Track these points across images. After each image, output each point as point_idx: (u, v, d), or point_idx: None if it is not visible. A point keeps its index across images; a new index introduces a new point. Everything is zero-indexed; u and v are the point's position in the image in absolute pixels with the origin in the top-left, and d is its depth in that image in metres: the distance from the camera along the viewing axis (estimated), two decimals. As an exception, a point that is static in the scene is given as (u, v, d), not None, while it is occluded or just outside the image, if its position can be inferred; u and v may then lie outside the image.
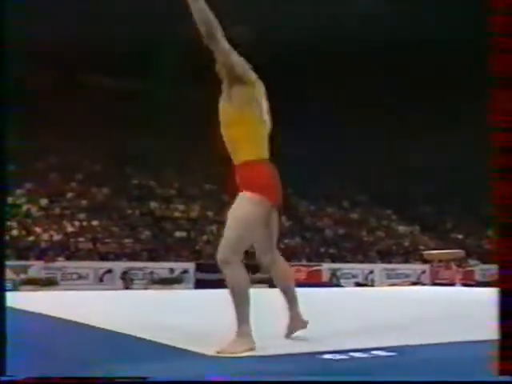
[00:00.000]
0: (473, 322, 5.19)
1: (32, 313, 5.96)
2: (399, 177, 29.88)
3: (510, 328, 2.12)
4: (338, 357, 3.06)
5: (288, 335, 3.68)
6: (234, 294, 3.38)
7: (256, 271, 21.93)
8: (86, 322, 5.00)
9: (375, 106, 29.03)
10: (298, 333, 3.68)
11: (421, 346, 3.59)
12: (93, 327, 4.75)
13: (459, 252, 23.24)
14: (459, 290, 16.58)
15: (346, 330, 4.37)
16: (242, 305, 3.36)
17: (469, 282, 21.85)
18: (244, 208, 3.41)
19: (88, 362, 3.06)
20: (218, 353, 3.17)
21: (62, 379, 2.28)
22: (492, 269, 24.31)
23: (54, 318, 5.56)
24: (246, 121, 3.44)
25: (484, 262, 24.72)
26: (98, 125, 26.01)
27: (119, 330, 4.37)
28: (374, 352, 3.19)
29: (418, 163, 30.11)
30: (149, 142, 26.84)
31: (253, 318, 3.41)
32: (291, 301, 3.70)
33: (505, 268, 2.19)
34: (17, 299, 5.82)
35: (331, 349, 3.25)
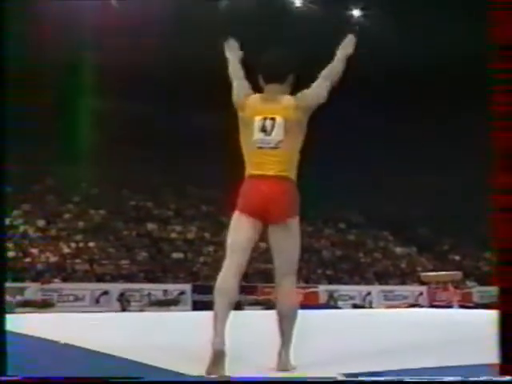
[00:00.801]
0: (471, 345, 5.17)
1: (29, 336, 5.92)
2: (396, 198, 29.92)
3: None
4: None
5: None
6: None
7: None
8: (83, 346, 4.97)
9: (372, 128, 29.07)
10: (293, 355, 3.53)
11: (419, 369, 3.57)
12: (90, 350, 4.72)
13: (457, 274, 23.18)
14: (457, 312, 16.52)
15: (341, 354, 4.35)
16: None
17: (467, 303, 21.76)
18: None
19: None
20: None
21: (62, 379, 2.26)
22: (491, 291, 24.27)
23: (50, 341, 5.53)
24: (241, 143, 3.62)
25: (482, 284, 24.66)
26: (95, 147, 26.03)
27: (116, 354, 4.35)
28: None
29: (416, 185, 30.16)
30: (147, 163, 26.91)
31: (249, 341, 3.38)
32: (284, 337, 3.51)
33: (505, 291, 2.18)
34: (12, 322, 5.78)
35: (326, 374, 3.23)
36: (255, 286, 19.97)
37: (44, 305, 17.54)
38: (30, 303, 17.35)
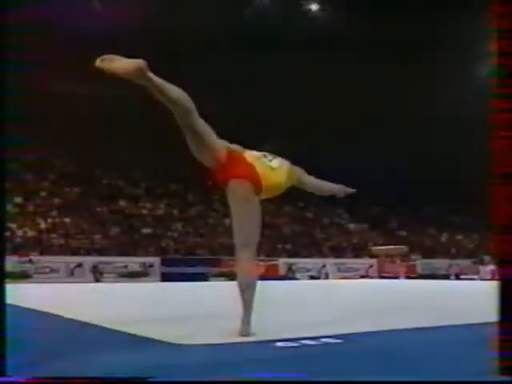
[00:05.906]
0: (416, 311, 5.31)
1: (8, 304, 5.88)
2: (350, 179, 30.11)
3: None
4: (289, 344, 3.09)
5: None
6: None
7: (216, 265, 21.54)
8: (61, 314, 4.96)
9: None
10: (253, 322, 3.51)
11: (365, 333, 3.66)
12: (67, 319, 4.72)
13: (403, 248, 23.65)
14: (403, 282, 16.87)
15: (299, 319, 4.44)
16: None
17: (412, 274, 22.22)
18: None
19: (61, 354, 3.04)
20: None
21: (62, 379, 2.24)
22: (433, 263, 24.80)
23: (28, 309, 5.51)
24: None
25: (425, 257, 25.16)
26: (70, 128, 25.64)
27: (90, 321, 4.36)
28: (323, 340, 3.24)
29: (368, 166, 30.41)
30: (120, 144, 26.62)
31: (214, 309, 3.41)
32: (245, 305, 3.49)
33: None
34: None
35: (284, 337, 3.29)
36: (220, 259, 20.04)
37: (22, 276, 17.36)
38: (8, 274, 17.15)
